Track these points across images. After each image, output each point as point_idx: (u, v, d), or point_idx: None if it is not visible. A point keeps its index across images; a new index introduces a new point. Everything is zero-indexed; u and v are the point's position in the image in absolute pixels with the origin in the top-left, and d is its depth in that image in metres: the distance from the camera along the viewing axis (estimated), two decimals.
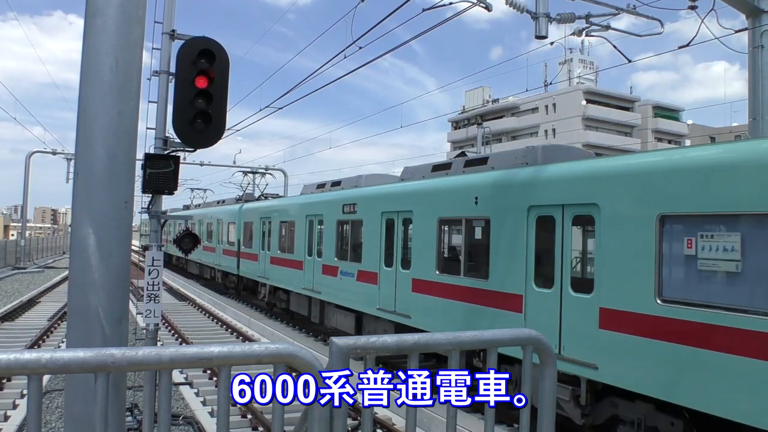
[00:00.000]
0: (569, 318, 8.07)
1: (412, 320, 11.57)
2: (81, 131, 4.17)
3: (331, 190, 17.39)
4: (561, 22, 9.49)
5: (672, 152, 7.86)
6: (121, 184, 4.22)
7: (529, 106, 71.56)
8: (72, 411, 4.09)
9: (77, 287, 4.14)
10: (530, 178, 9.13)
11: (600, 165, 8.56)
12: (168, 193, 7.28)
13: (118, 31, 4.20)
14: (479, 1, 8.90)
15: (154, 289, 7.45)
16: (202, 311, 23.69)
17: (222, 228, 28.11)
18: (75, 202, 4.20)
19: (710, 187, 6.59)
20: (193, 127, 6.63)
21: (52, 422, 9.65)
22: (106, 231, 4.10)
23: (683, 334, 6.59)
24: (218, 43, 6.69)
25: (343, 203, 14.98)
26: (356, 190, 15.21)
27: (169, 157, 7.28)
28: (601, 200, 7.72)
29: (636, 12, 9.89)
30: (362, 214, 14.02)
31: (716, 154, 7.03)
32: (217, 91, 6.63)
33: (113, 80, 4.17)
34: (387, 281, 12.65)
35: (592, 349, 7.67)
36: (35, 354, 2.19)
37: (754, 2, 9.93)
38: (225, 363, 2.45)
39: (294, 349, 2.55)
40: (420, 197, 11.89)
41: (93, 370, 2.24)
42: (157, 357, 2.35)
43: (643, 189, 7.28)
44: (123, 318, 4.28)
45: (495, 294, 9.47)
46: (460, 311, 10.28)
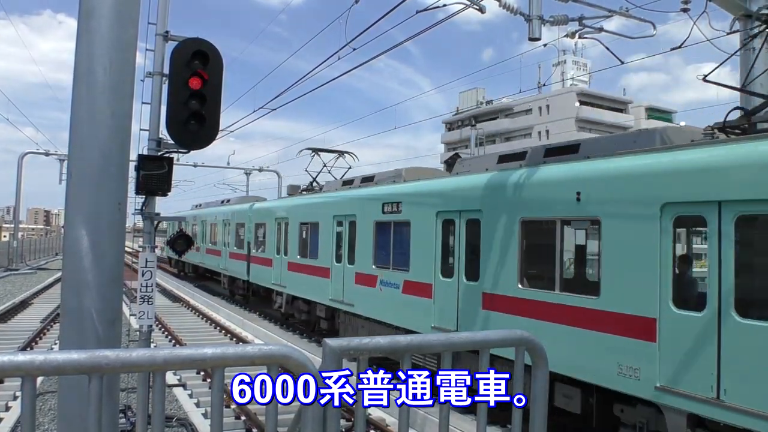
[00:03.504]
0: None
1: None
2: (74, 132, 4.16)
3: (361, 187, 15.32)
4: (554, 24, 9.52)
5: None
6: (114, 185, 4.22)
7: (523, 108, 71.79)
8: (65, 413, 4.08)
9: (70, 288, 4.14)
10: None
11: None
12: (162, 194, 7.28)
13: (111, 32, 4.20)
14: (473, 3, 8.92)
15: (147, 290, 7.44)
16: (196, 312, 23.64)
17: (229, 230, 26.17)
18: (68, 204, 4.20)
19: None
20: (186, 129, 6.63)
21: (45, 424, 9.62)
22: (99, 232, 4.10)
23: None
24: (212, 45, 6.70)
25: (383, 201, 12.98)
26: (399, 186, 13.08)
27: (163, 159, 7.28)
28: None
29: (629, 14, 9.94)
30: (409, 214, 12.05)
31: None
32: (211, 93, 6.63)
33: (107, 81, 4.17)
34: (445, 294, 10.71)
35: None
36: (29, 356, 2.19)
37: (746, 4, 10.01)
38: (219, 364, 2.46)
39: (287, 350, 2.56)
40: (493, 193, 9.90)
41: (87, 371, 2.24)
42: (150, 358, 2.35)
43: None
44: (116, 319, 4.28)
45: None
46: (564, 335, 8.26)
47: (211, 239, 29.57)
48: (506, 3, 8.94)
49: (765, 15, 7.47)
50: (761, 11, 7.52)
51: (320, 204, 16.79)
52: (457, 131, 74.23)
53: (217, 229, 28.48)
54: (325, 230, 15.81)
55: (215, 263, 28.52)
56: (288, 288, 18.53)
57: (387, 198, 12.97)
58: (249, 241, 22.95)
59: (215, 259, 28.35)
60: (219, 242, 28.00)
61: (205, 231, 30.78)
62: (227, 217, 26.99)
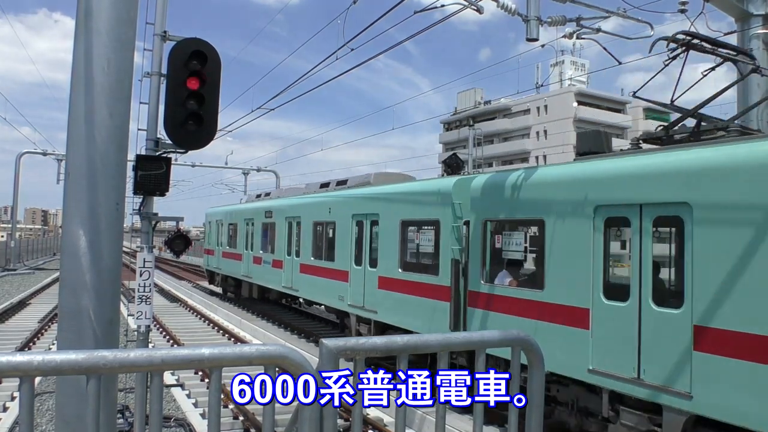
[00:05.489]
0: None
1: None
2: (72, 132, 4.17)
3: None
4: (552, 25, 9.53)
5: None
6: (112, 185, 4.23)
7: (521, 108, 71.83)
8: (63, 413, 4.09)
9: (68, 289, 4.14)
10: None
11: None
12: (159, 194, 7.27)
13: (109, 32, 4.21)
14: (471, 4, 8.93)
15: (145, 290, 7.44)
16: (194, 312, 23.63)
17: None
18: (66, 204, 4.20)
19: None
20: (184, 129, 6.64)
21: (42, 424, 9.61)
22: (97, 232, 4.11)
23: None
24: (210, 45, 6.70)
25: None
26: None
27: (161, 159, 7.27)
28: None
29: (626, 15, 9.95)
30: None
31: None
32: (209, 93, 6.64)
33: (105, 81, 4.18)
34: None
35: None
36: (27, 356, 2.20)
37: (744, 6, 10.03)
38: (217, 364, 2.47)
39: (285, 350, 2.57)
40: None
41: (85, 371, 2.25)
42: (149, 358, 2.36)
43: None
44: (114, 319, 4.29)
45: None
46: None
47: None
48: (504, 3, 8.94)
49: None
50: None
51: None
52: (456, 131, 74.25)
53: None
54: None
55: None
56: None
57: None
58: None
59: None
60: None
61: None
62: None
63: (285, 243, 18.76)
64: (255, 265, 21.83)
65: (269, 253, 20.27)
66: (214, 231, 28.05)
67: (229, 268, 25.23)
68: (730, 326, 6.14)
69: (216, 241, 27.65)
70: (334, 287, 14.86)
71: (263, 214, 21.07)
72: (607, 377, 7.35)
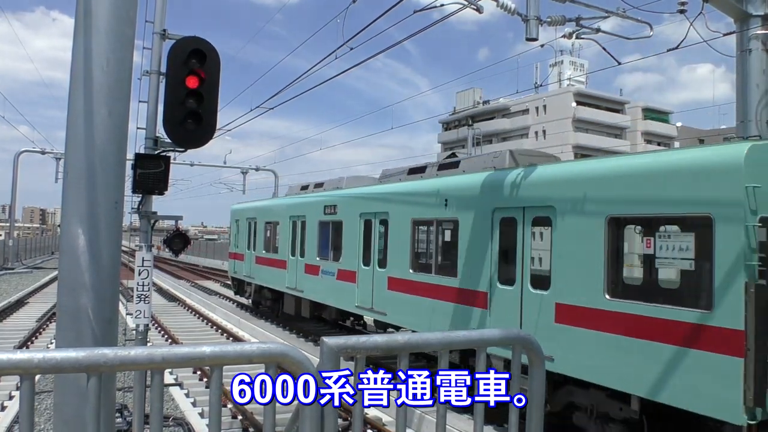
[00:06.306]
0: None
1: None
2: (71, 131, 4.16)
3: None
4: (551, 25, 9.52)
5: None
6: (111, 184, 4.22)
7: (520, 108, 71.81)
8: (62, 412, 4.08)
9: (67, 288, 4.13)
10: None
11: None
12: (158, 193, 7.26)
13: (109, 31, 4.20)
14: (470, 3, 8.92)
15: (144, 289, 7.43)
16: (192, 312, 23.61)
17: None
18: (64, 202, 4.19)
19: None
20: (183, 127, 6.63)
21: (41, 423, 9.59)
22: (95, 231, 4.10)
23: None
24: (209, 43, 6.69)
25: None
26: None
27: (160, 158, 7.26)
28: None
29: (626, 15, 9.95)
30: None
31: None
32: (208, 91, 6.63)
33: (104, 80, 4.17)
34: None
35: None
36: (27, 354, 2.19)
37: (743, 6, 10.03)
38: (217, 363, 2.46)
39: (285, 349, 2.56)
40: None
41: (85, 369, 2.24)
42: (149, 357, 2.36)
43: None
44: (113, 318, 4.28)
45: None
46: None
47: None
48: (504, 3, 8.94)
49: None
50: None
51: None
52: (454, 131, 74.23)
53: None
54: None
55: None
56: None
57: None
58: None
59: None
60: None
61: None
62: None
63: (359, 249, 13.93)
64: (308, 276, 16.84)
65: (331, 261, 15.52)
66: (244, 231, 22.59)
67: (266, 277, 20.25)
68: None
69: (247, 244, 22.16)
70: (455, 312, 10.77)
71: (322, 209, 16.11)
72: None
